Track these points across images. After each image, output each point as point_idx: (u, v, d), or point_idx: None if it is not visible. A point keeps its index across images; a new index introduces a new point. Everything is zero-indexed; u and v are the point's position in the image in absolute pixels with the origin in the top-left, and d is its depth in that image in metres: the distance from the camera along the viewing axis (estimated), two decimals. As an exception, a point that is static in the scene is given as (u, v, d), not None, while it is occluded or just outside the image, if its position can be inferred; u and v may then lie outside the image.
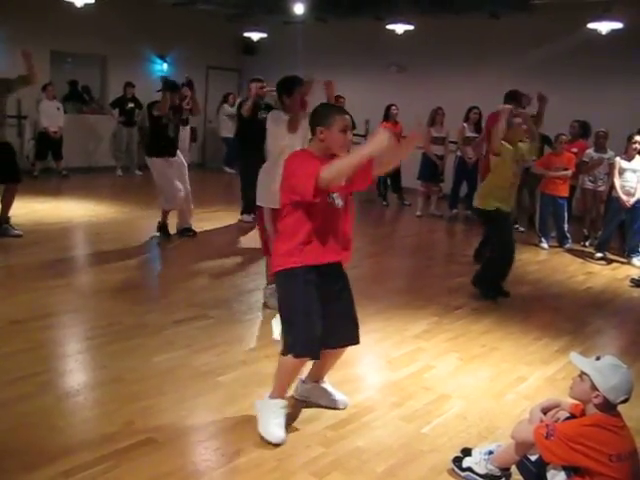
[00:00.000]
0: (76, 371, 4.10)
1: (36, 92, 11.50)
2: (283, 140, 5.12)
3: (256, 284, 6.00)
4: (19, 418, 3.38)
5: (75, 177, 11.84)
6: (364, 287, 6.24)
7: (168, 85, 7.53)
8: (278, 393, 3.40)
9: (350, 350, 4.63)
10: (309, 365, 3.61)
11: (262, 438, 3.26)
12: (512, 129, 5.88)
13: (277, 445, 3.23)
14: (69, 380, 3.95)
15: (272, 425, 3.29)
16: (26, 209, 8.80)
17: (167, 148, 7.46)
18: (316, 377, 3.74)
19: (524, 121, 6.05)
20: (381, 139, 2.98)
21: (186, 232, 7.82)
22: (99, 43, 12.52)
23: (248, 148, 7.62)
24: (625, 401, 2.70)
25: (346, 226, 3.44)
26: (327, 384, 3.76)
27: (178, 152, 7.66)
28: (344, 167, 3.09)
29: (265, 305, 5.43)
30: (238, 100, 12.19)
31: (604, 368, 2.73)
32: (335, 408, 3.68)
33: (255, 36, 13.38)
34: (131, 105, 12.49)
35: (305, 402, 3.74)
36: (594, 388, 2.70)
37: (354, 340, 3.57)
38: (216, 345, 4.54)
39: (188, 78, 8.96)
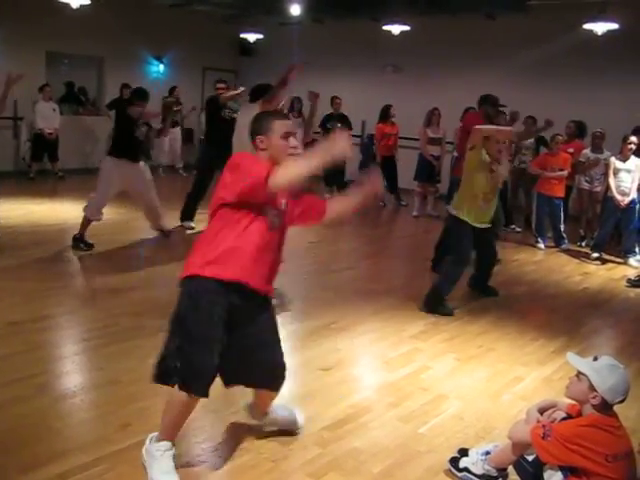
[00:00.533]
0: (73, 373, 4.10)
1: (32, 93, 11.49)
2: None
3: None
4: (16, 420, 3.37)
5: (71, 178, 11.81)
6: (361, 288, 6.26)
7: (141, 95, 7.25)
8: (163, 434, 2.94)
9: (346, 351, 4.66)
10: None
11: None
12: (490, 142, 5.52)
13: None
14: (66, 382, 3.94)
15: (158, 473, 2.86)
16: (22, 210, 8.80)
17: (132, 151, 7.05)
18: (261, 411, 3.36)
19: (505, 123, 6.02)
20: (340, 146, 2.76)
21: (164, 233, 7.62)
22: (95, 44, 12.50)
23: (216, 148, 7.31)
24: (622, 401, 2.71)
25: (277, 254, 3.09)
26: (276, 409, 3.36)
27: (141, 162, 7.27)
28: (296, 171, 2.80)
29: None
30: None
31: (602, 369, 2.73)
32: (295, 429, 3.40)
33: (252, 37, 13.39)
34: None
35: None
36: (592, 389, 2.70)
37: (272, 387, 3.18)
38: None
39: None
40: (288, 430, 3.38)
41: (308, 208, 3.20)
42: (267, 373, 3.12)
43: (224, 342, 2.86)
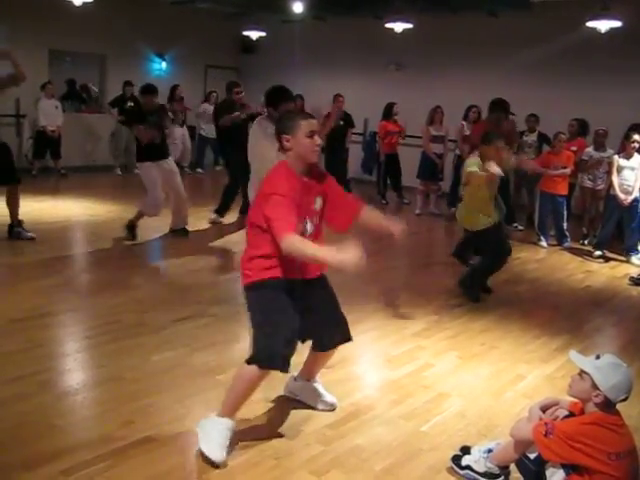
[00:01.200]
0: (75, 370, 4.10)
1: (35, 91, 11.50)
2: (270, 153, 4.89)
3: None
4: (19, 417, 3.38)
5: (74, 176, 11.83)
6: (363, 285, 6.25)
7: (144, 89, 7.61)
8: (228, 411, 3.17)
9: (349, 348, 4.64)
10: (300, 364, 3.63)
11: (202, 454, 3.07)
12: (491, 147, 5.69)
13: (218, 466, 3.02)
14: (68, 379, 3.95)
15: (214, 443, 3.07)
16: (25, 208, 8.76)
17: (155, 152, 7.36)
18: (308, 375, 3.69)
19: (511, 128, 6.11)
20: (350, 262, 3.01)
21: (181, 232, 7.76)
22: (98, 42, 12.51)
23: (235, 148, 7.50)
24: (625, 399, 2.70)
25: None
26: (319, 384, 3.71)
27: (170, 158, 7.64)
28: (305, 253, 3.05)
29: None
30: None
31: (604, 367, 2.73)
32: (323, 410, 3.63)
33: (254, 35, 13.36)
34: (130, 104, 12.46)
35: (293, 400, 3.74)
36: (595, 387, 2.70)
37: (345, 337, 3.53)
38: (215, 344, 4.54)
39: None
40: (318, 407, 3.63)
41: (341, 211, 3.62)
42: (338, 328, 3.49)
43: (295, 322, 3.18)
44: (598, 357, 2.79)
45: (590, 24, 9.12)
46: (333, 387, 3.96)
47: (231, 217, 8.89)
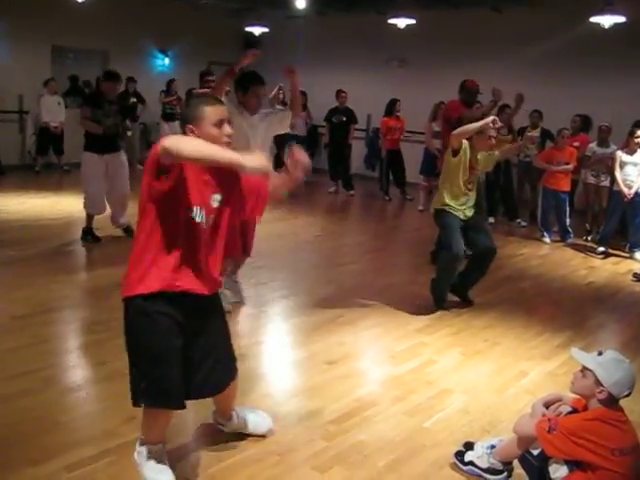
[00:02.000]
0: (79, 366, 4.12)
1: (37, 87, 11.51)
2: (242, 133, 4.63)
3: (258, 279, 6.00)
4: (22, 413, 3.39)
5: (77, 172, 11.76)
6: (366, 282, 6.26)
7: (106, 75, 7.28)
8: (148, 438, 2.90)
9: (352, 345, 4.66)
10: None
11: None
12: (482, 137, 5.25)
13: None
14: (72, 375, 3.96)
15: (151, 472, 2.84)
16: (28, 204, 8.83)
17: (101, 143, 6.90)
18: (223, 415, 3.26)
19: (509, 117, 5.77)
20: (257, 161, 2.50)
21: (127, 230, 7.26)
22: (101, 38, 12.50)
23: None
24: (628, 395, 2.71)
25: (211, 256, 2.83)
26: (240, 411, 3.28)
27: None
28: (200, 147, 2.50)
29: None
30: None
31: (607, 363, 2.73)
32: (258, 435, 3.27)
33: (257, 31, 13.35)
34: (133, 100, 12.47)
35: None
36: (598, 384, 2.70)
37: (232, 376, 3.05)
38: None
39: None
40: (257, 434, 3.27)
41: (256, 200, 2.96)
42: (226, 366, 3.01)
43: (181, 351, 2.76)
44: (600, 353, 2.79)
45: (594, 19, 9.10)
46: (336, 383, 3.98)
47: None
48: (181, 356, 2.76)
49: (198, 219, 2.72)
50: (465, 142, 5.26)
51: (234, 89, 4.99)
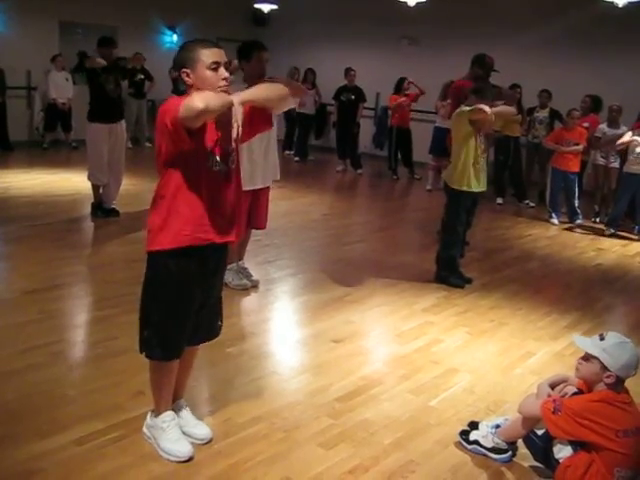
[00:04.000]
0: (87, 341, 4.15)
1: (46, 63, 11.48)
2: None
3: (265, 257, 6.02)
4: (32, 387, 3.42)
5: (85, 149, 11.81)
6: (373, 260, 6.27)
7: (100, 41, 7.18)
8: (160, 407, 2.95)
9: (359, 323, 4.68)
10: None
11: (168, 460, 2.87)
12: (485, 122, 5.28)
13: (186, 460, 2.86)
14: (80, 350, 4.00)
15: (168, 443, 2.89)
16: (36, 180, 8.85)
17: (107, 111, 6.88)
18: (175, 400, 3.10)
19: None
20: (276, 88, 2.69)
21: (112, 213, 7.21)
22: (109, 14, 12.43)
23: None
24: (634, 374, 2.71)
25: (232, 197, 2.81)
26: (185, 411, 3.13)
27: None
28: (211, 98, 2.47)
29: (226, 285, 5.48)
30: None
31: (611, 348, 2.73)
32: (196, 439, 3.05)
33: (266, 8, 13.26)
34: (141, 77, 12.43)
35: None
36: (605, 369, 2.71)
37: (215, 334, 3.11)
38: (225, 317, 4.51)
39: None
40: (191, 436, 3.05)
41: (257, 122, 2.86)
42: (213, 320, 3.07)
43: (191, 311, 2.85)
44: (602, 338, 2.79)
45: (608, -2, 9.00)
46: (342, 361, 4.00)
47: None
48: (197, 308, 2.86)
49: (217, 167, 2.70)
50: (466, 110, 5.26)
51: (237, 61, 4.88)
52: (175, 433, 2.93)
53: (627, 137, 7.84)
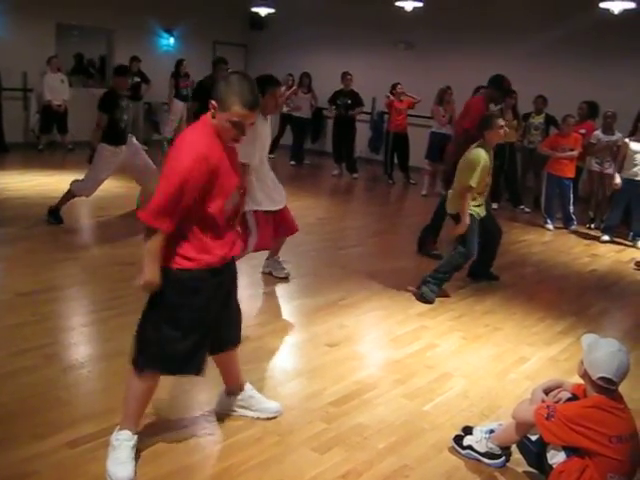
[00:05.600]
0: (81, 344, 4.13)
1: (42, 65, 11.47)
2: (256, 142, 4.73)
3: (260, 260, 6.00)
4: (25, 389, 3.42)
5: (80, 150, 11.76)
6: (368, 265, 6.27)
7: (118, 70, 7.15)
8: (127, 422, 2.87)
9: (354, 327, 4.68)
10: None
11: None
12: (493, 131, 5.28)
13: None
14: (74, 353, 3.98)
15: (112, 464, 2.76)
16: (32, 182, 8.83)
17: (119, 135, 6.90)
18: (236, 387, 3.30)
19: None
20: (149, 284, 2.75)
21: None
22: (106, 16, 12.43)
23: None
24: (612, 381, 2.69)
25: (237, 221, 3.00)
26: (253, 391, 3.33)
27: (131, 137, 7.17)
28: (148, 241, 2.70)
29: (268, 274, 5.68)
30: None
31: (594, 343, 2.78)
32: (267, 418, 3.29)
33: (263, 11, 13.26)
34: (137, 79, 12.42)
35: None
36: (582, 362, 2.78)
37: (236, 341, 3.16)
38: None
39: None
40: (261, 417, 3.29)
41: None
42: (233, 328, 3.14)
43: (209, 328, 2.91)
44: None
45: (603, 5, 9.03)
46: (336, 366, 4.00)
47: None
48: (213, 321, 2.91)
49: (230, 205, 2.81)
50: (483, 154, 5.24)
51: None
52: (123, 454, 2.79)
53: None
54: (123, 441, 2.81)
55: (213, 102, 2.66)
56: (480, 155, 5.24)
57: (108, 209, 7.57)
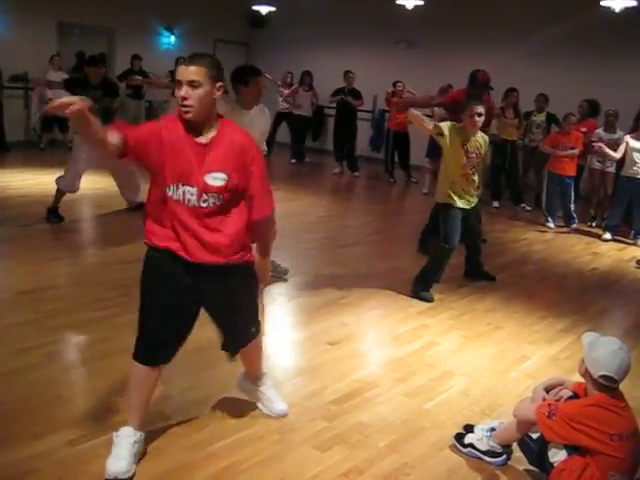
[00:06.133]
0: (82, 342, 4.14)
1: (43, 64, 11.46)
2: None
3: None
4: (27, 387, 3.42)
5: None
6: (369, 263, 6.27)
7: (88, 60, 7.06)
8: (129, 417, 2.91)
9: (355, 326, 4.69)
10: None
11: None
12: (465, 116, 5.16)
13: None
14: (75, 351, 3.99)
15: (110, 458, 2.76)
16: (33, 181, 8.84)
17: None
18: (252, 377, 3.39)
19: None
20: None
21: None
22: (107, 15, 12.44)
23: None
24: (613, 379, 2.70)
25: (206, 231, 2.77)
26: (266, 387, 3.40)
27: None
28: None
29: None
30: None
31: (595, 341, 2.78)
32: (270, 415, 3.34)
33: (264, 9, 13.26)
34: (138, 78, 12.39)
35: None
36: (583, 360, 2.77)
37: (230, 350, 3.21)
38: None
39: None
40: (265, 413, 3.35)
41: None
42: (242, 330, 3.19)
43: (174, 311, 2.89)
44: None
45: (604, 3, 9.02)
46: (337, 364, 4.00)
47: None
48: (174, 314, 2.89)
49: (175, 196, 2.73)
50: (448, 125, 5.18)
51: (232, 85, 4.86)
52: (122, 450, 2.78)
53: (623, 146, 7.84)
54: (123, 437, 2.82)
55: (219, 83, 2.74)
56: (447, 124, 5.19)
57: (108, 207, 7.57)
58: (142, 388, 2.92)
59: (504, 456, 3.07)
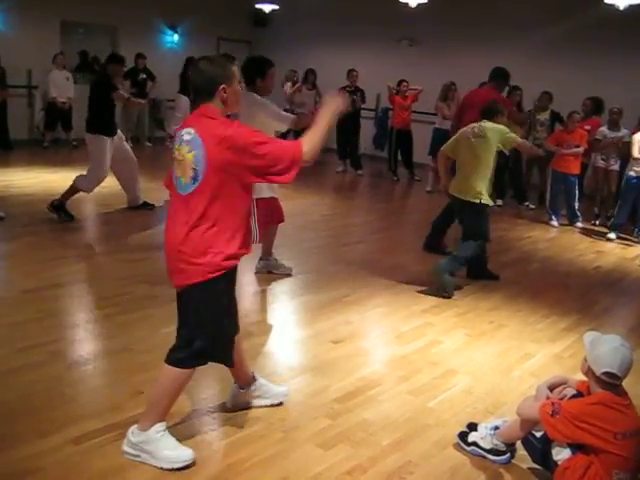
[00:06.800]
0: (85, 340, 4.14)
1: (47, 62, 11.48)
2: (270, 125, 4.75)
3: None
4: (31, 385, 3.42)
5: (85, 147, 11.77)
6: (372, 262, 6.26)
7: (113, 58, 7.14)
8: (162, 416, 2.90)
9: (358, 324, 4.68)
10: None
11: (172, 468, 2.81)
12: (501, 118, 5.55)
13: (188, 466, 2.83)
14: (78, 349, 3.99)
15: (168, 451, 2.84)
16: (37, 179, 8.85)
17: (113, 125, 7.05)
18: (247, 380, 3.32)
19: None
20: (336, 104, 2.98)
21: (145, 206, 7.53)
22: (110, 13, 12.45)
23: None
24: (616, 376, 2.69)
25: (177, 227, 2.86)
26: (260, 381, 3.37)
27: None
28: (320, 139, 2.89)
29: (267, 273, 5.61)
30: None
31: (597, 339, 2.78)
32: (279, 404, 3.39)
33: (267, 8, 13.26)
34: (143, 76, 12.43)
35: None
36: (585, 359, 2.77)
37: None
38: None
39: None
40: (274, 403, 3.38)
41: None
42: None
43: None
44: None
45: (608, 1, 8.99)
46: (341, 362, 3.99)
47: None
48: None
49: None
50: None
51: (245, 79, 4.81)
52: (171, 440, 2.88)
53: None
54: (164, 431, 2.88)
55: (222, 86, 2.78)
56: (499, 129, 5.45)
57: (111, 206, 7.58)
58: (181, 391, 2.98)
59: (508, 454, 3.06)
